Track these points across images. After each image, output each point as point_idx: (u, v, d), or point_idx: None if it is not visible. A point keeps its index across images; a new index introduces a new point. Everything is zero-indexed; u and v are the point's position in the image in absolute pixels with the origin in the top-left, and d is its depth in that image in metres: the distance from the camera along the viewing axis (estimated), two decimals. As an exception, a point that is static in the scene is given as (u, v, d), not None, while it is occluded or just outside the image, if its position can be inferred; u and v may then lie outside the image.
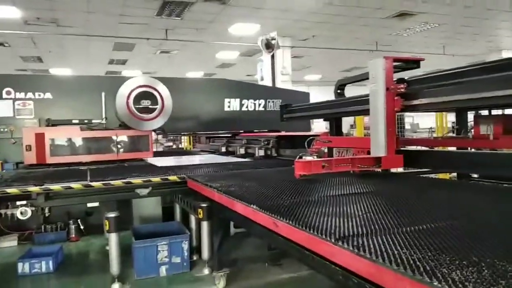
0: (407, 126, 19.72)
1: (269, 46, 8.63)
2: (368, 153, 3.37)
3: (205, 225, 3.84)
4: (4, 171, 5.43)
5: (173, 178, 3.85)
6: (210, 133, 7.77)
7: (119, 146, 5.95)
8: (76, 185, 3.47)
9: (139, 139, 6.15)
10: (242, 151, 6.78)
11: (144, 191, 3.82)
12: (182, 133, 8.18)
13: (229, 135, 7.79)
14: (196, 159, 6.55)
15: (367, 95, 3.43)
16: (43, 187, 3.37)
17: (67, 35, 9.82)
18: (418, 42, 13.63)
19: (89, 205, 3.92)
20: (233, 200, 2.35)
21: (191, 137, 11.39)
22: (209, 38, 11.18)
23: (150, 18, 9.18)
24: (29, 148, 5.55)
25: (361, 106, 3.50)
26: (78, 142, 5.77)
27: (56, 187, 3.40)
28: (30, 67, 14.90)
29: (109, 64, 15.50)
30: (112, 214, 3.59)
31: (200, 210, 3.79)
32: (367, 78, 3.69)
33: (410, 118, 18.18)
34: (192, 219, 4.49)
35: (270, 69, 9.66)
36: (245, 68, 16.98)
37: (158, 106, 6.08)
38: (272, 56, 8.59)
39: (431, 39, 13.34)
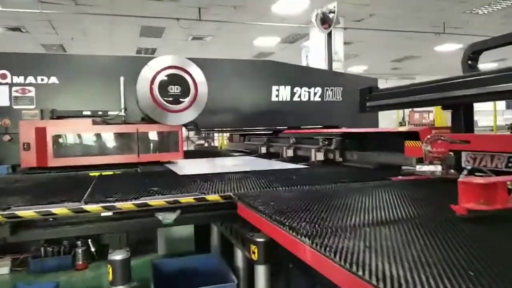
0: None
1: (325, 21, 7.20)
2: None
3: (260, 271, 2.49)
4: (-7, 176, 4.32)
5: (213, 197, 2.54)
6: (252, 129, 6.44)
7: (141, 144, 4.74)
8: (60, 210, 2.21)
9: (167, 136, 4.93)
10: (289, 153, 5.40)
11: (169, 217, 2.52)
12: (219, 129, 6.91)
13: (270, 132, 6.44)
14: (235, 164, 5.24)
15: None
16: (6, 213, 2.13)
17: (87, 14, 8.76)
18: (497, 24, 11.71)
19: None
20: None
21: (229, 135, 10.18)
22: (248, 19, 9.86)
23: (181, -8, 7.97)
24: (27, 146, 4.41)
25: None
26: (90, 139, 4.61)
27: (27, 213, 2.16)
28: (53, 57, 14.13)
29: (137, 53, 14.53)
30: (117, 256, 2.33)
31: (254, 248, 2.47)
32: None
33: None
34: (238, 254, 3.16)
35: (324, 51, 8.20)
36: (286, 58, 15.53)
37: (190, 95, 4.83)
38: (329, 35, 7.17)
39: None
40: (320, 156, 4.60)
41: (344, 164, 4.33)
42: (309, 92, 6.14)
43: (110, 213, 2.35)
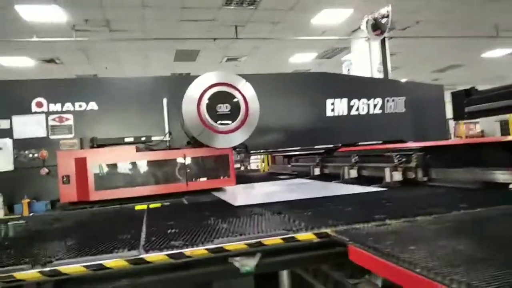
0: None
1: (377, 27, 6.63)
2: None
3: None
4: (32, 214, 3.93)
5: (305, 236, 1.97)
6: (305, 149, 5.86)
7: (189, 171, 4.27)
8: (115, 262, 1.69)
9: (217, 161, 4.44)
10: (353, 173, 4.76)
11: (249, 264, 1.95)
12: (269, 151, 6.39)
13: (321, 151, 5.84)
14: (294, 189, 4.67)
15: None
16: (47, 269, 1.63)
17: (120, 41, 8.59)
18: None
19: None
20: None
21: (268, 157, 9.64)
22: (287, 34, 9.44)
23: (217, 10, 7.62)
24: (66, 179, 4.02)
25: None
26: (134, 168, 4.18)
27: (74, 268, 1.65)
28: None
29: (171, 79, 14.40)
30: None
31: None
32: None
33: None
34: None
35: (368, 64, 7.62)
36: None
37: (241, 113, 4.34)
38: (383, 42, 6.60)
39: None
40: (398, 176, 3.94)
41: (431, 184, 3.66)
42: (368, 104, 5.54)
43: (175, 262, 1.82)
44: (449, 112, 6.37)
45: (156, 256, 1.73)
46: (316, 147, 5.67)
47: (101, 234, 2.24)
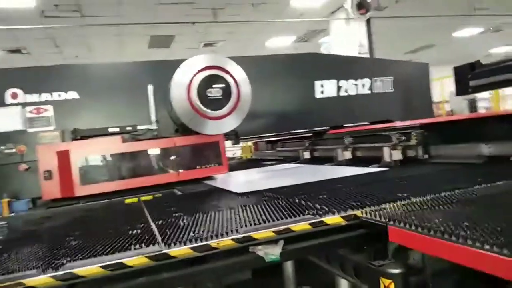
0: None
1: (362, 6, 6.55)
2: None
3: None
4: (13, 214, 3.66)
5: (334, 220, 1.86)
6: (294, 133, 5.75)
7: (180, 160, 4.10)
8: (136, 260, 1.53)
9: (208, 148, 4.29)
10: (347, 155, 4.71)
11: (274, 252, 1.83)
12: (258, 136, 6.25)
13: (308, 135, 5.77)
14: (294, 173, 4.57)
15: None
16: (60, 273, 1.46)
17: (93, 25, 8.18)
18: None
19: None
20: None
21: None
22: (265, 17, 9.26)
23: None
24: (48, 175, 3.77)
25: None
26: (121, 160, 3.97)
27: (91, 270, 1.48)
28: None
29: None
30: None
31: (388, 283, 1.80)
32: None
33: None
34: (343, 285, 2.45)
35: (348, 46, 7.53)
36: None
37: (233, 97, 4.17)
38: (368, 22, 6.53)
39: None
40: (397, 155, 3.91)
41: (433, 161, 3.64)
42: (356, 85, 5.47)
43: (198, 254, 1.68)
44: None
45: (180, 250, 1.58)
46: (308, 130, 5.58)
47: (107, 231, 2.07)
